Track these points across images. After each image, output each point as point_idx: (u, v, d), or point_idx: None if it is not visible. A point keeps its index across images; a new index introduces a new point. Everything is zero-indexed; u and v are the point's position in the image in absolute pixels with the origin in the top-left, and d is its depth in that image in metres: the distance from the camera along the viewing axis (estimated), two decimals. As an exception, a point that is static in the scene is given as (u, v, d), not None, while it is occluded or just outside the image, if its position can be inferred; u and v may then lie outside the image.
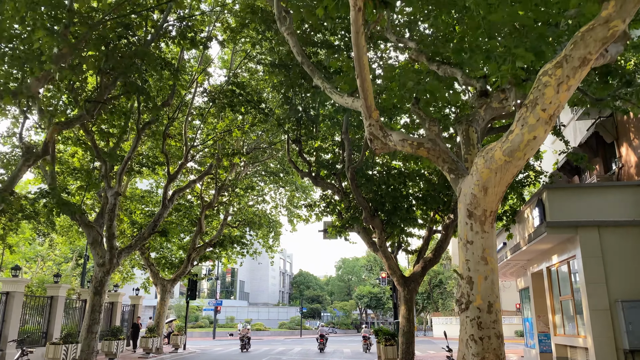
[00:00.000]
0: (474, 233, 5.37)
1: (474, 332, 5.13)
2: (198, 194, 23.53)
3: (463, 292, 5.33)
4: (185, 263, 23.51)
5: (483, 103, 6.64)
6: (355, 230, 15.51)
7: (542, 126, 4.86)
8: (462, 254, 5.44)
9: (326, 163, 15.38)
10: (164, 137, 17.71)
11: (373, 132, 5.90)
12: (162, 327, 22.85)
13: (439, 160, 5.81)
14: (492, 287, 5.23)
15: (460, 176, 5.69)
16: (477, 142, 6.25)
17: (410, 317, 14.17)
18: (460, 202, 5.55)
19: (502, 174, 5.12)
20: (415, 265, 14.98)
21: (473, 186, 5.32)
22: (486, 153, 5.18)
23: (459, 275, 5.43)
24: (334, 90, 6.64)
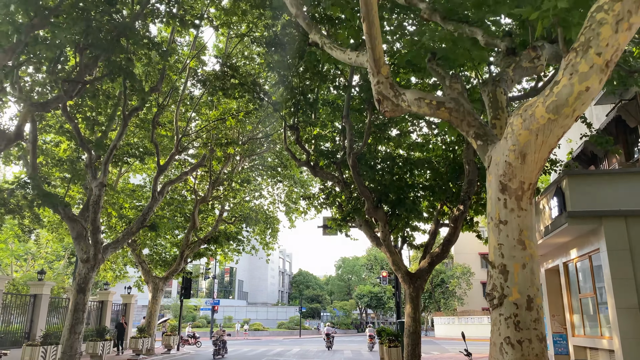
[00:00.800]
0: (508, 211, 4.33)
1: (510, 334, 4.09)
2: (191, 188, 22.48)
3: (495, 284, 4.29)
4: (178, 260, 22.48)
5: (511, 62, 5.60)
6: (357, 224, 14.47)
7: (597, 75, 3.82)
8: (494, 237, 4.40)
9: (326, 151, 14.33)
10: (154, 126, 16.67)
11: (382, 92, 4.85)
12: (154, 327, 21.80)
13: (463, 124, 4.76)
14: (532, 277, 4.19)
15: (490, 142, 4.64)
16: (507, 106, 5.20)
17: (416, 317, 13.11)
18: (490, 174, 4.51)
19: (545, 136, 4.08)
20: (422, 260, 13.92)
21: (507, 153, 4.28)
22: (524, 111, 4.15)
23: (490, 264, 4.38)
24: (335, 45, 5.60)
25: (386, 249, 13.62)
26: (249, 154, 23.75)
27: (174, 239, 24.43)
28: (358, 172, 12.43)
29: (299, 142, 14.25)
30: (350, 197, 13.80)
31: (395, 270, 13.74)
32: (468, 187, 12.70)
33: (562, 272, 13.31)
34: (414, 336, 12.99)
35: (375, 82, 4.90)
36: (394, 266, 13.71)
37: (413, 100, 4.76)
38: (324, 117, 14.85)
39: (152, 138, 16.81)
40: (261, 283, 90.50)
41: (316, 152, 14.47)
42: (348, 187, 13.91)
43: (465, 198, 12.76)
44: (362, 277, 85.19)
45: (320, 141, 14.75)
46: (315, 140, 14.63)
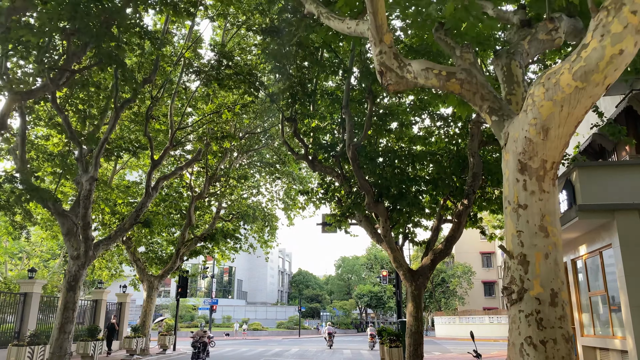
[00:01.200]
0: (528, 193, 3.82)
1: (532, 334, 3.58)
2: (187, 184, 21.96)
3: (514, 277, 3.78)
4: (174, 258, 21.97)
5: (526, 34, 5.08)
6: (357, 220, 13.96)
7: (632, 36, 3.31)
8: (512, 224, 3.89)
9: (325, 144, 13.82)
10: (147, 119, 16.16)
11: (385, 62, 4.34)
12: (149, 327, 21.28)
13: (475, 97, 4.25)
14: (556, 268, 3.68)
15: (506, 117, 4.13)
16: (523, 80, 4.69)
17: (418, 316, 12.60)
18: (507, 152, 3.99)
19: (571, 107, 3.56)
20: (424, 257, 13.40)
21: (527, 127, 3.77)
22: (547, 79, 3.64)
23: (507, 253, 3.87)
24: (332, 15, 5.09)
25: (387, 245, 13.11)
26: (247, 150, 23.25)
27: (170, 237, 23.92)
28: (358, 165, 11.91)
29: (296, 134, 13.75)
30: (350, 192, 13.29)
31: (396, 267, 13.23)
32: (472, 180, 12.20)
33: (570, 269, 12.80)
34: (416, 336, 12.48)
35: (378, 52, 4.39)
36: (395, 263, 13.20)
37: (420, 71, 4.25)
38: (322, 109, 14.35)
39: (145, 132, 16.30)
40: (260, 282, 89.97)
41: (315, 145, 13.96)
42: (348, 182, 13.40)
43: (470, 192, 12.25)
44: (362, 277, 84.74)
45: (318, 134, 14.23)
46: (314, 133, 14.12)
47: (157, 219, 17.33)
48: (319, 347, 31.60)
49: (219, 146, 17.22)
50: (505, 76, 4.76)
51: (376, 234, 13.53)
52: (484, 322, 46.67)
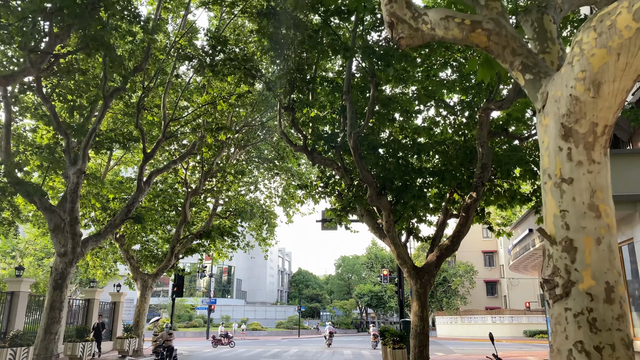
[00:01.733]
0: (574, 165, 3.10)
1: (583, 338, 2.86)
2: (182, 179, 21.24)
3: (557, 267, 3.06)
4: (169, 256, 21.25)
5: (558, -13, 4.36)
6: (358, 214, 13.24)
7: None
8: (553, 203, 3.17)
9: (324, 135, 13.09)
10: (139, 110, 15.44)
11: (395, 13, 3.62)
12: (143, 327, 20.56)
13: (505, 52, 3.53)
14: (610, 256, 2.96)
15: (544, 75, 3.41)
16: (558, 37, 3.98)
17: (424, 315, 11.88)
18: (546, 115, 3.28)
19: (630, 55, 2.85)
20: (429, 254, 12.69)
21: (573, 83, 3.05)
22: (600, 21, 2.92)
23: (547, 238, 3.15)
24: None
25: (390, 241, 12.40)
26: (244, 145, 22.53)
27: (166, 235, 23.21)
28: (360, 155, 11.19)
29: (294, 124, 13.03)
30: (351, 185, 12.58)
31: (400, 264, 12.52)
32: (481, 172, 11.48)
33: (585, 266, 12.08)
34: (421, 337, 11.76)
35: (387, 1, 3.67)
36: (398, 260, 12.49)
37: (438, 20, 3.53)
38: (322, 98, 13.63)
39: (137, 123, 15.59)
40: (260, 282, 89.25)
41: (314, 136, 13.24)
42: (349, 174, 12.68)
43: (479, 184, 11.54)
44: (362, 276, 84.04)
45: (318, 124, 13.51)
46: (313, 123, 13.39)
47: (149, 214, 16.61)
48: (319, 347, 30.89)
49: (214, 138, 16.50)
50: (536, 33, 4.04)
51: (379, 230, 12.83)
52: (486, 322, 45.98)
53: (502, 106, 10.92)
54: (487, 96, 11.61)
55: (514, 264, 17.35)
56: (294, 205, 25.92)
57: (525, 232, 14.95)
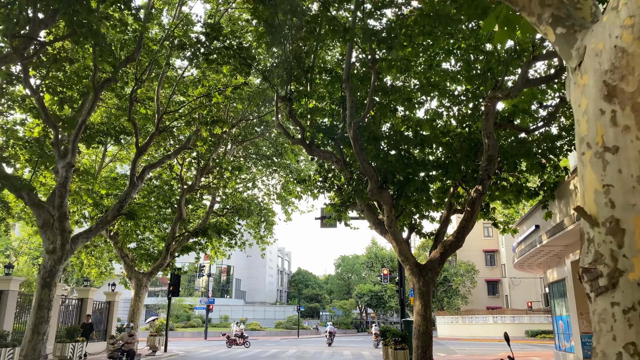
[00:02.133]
0: (619, 130, 2.56)
1: (636, 339, 2.33)
2: (177, 175, 20.72)
3: (600, 254, 2.53)
4: (164, 254, 20.73)
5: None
6: (359, 209, 12.72)
7: None
8: (594, 176, 2.64)
9: (323, 127, 12.57)
10: (131, 102, 14.92)
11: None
12: (137, 327, 20.03)
13: (532, 3, 3.00)
14: (666, 240, 2.43)
15: (579, 28, 2.88)
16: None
17: (427, 315, 11.37)
18: (583, 74, 2.75)
19: (691, -5, 2.32)
20: (432, 250, 12.17)
21: (619, 32, 2.52)
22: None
23: (587, 219, 2.62)
24: None
25: (392, 237, 11.88)
26: (241, 141, 22.02)
27: (162, 233, 22.68)
28: (360, 146, 10.67)
29: (292, 115, 12.51)
30: (351, 178, 12.05)
31: (402, 261, 12.00)
32: (487, 164, 10.97)
33: (596, 263, 11.56)
34: (424, 337, 11.24)
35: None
36: (400, 257, 11.97)
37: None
38: (321, 89, 13.11)
39: (129, 116, 15.06)
40: (259, 282, 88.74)
41: (312, 127, 12.72)
42: (348, 167, 12.16)
43: (484, 177, 11.02)
44: (362, 276, 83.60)
45: (316, 116, 12.98)
46: (311, 115, 12.87)
47: (142, 211, 16.07)
48: (318, 347, 30.38)
49: (209, 132, 15.98)
50: (564, -13, 3.52)
51: (380, 225, 12.30)
52: (487, 322, 45.51)
53: (509, 94, 10.40)
54: (493, 85, 11.10)
55: (518, 262, 16.83)
56: (292, 202, 25.44)
57: (531, 229, 14.43)
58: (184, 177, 20.50)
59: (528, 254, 14.79)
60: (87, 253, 24.37)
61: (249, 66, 12.01)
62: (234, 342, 31.47)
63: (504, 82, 10.81)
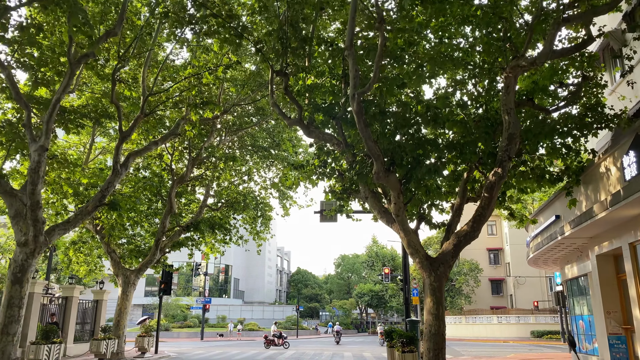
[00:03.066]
0: None
1: None
2: (167, 166, 19.46)
3: None
4: (153, 250, 19.48)
5: None
6: (362, 197, 11.47)
7: None
8: None
9: (323, 105, 11.31)
10: (113, 82, 13.67)
11: None
12: (124, 327, 18.78)
13: None
14: None
15: None
16: None
17: (439, 313, 10.12)
18: None
19: None
20: (444, 242, 10.91)
21: None
22: None
23: None
24: None
25: (399, 226, 10.63)
26: (236, 130, 20.78)
27: (153, 228, 21.41)
28: (365, 122, 9.42)
29: (288, 92, 11.27)
30: (354, 161, 10.79)
31: (410, 254, 10.75)
32: (508, 143, 9.74)
33: (629, 255, 10.31)
34: (437, 338, 10.01)
35: None
36: (409, 249, 10.71)
37: None
38: (320, 64, 11.86)
39: (112, 97, 13.81)
40: (258, 281, 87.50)
41: (310, 106, 11.46)
42: (351, 150, 10.90)
43: (504, 158, 9.80)
44: (362, 276, 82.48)
45: (315, 94, 11.71)
46: (310, 92, 11.61)
47: (127, 201, 14.81)
48: (317, 348, 29.11)
49: (199, 116, 14.74)
50: None
51: (386, 214, 11.06)
52: (491, 322, 44.28)
53: (534, 62, 9.17)
54: (514, 54, 9.86)
55: (534, 257, 15.57)
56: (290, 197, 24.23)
57: (550, 219, 13.17)
58: (174, 168, 19.24)
59: (546, 247, 13.54)
60: (75, 250, 23.16)
61: (239, 36, 10.76)
62: (272, 343, 29.67)
63: (526, 50, 9.57)
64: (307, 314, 77.74)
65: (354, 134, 11.00)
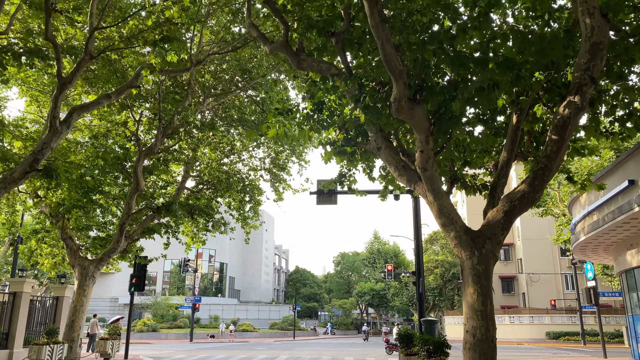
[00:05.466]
0: None
1: None
2: (132, 134, 16.26)
3: None
4: (117, 236, 16.28)
5: None
6: (372, 146, 8.29)
7: None
8: None
9: (317, 20, 8.11)
10: (47, 11, 10.47)
11: None
12: (79, 328, 15.56)
13: None
14: None
15: None
16: None
17: (487, 311, 6.92)
18: None
19: None
20: (489, 210, 7.73)
21: None
22: None
23: None
24: None
25: (427, 185, 7.45)
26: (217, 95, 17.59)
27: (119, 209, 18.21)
28: (383, 19, 6.21)
29: (270, 4, 8.09)
30: (361, 94, 7.57)
31: (442, 226, 7.56)
32: (591, 58, 6.59)
33: None
34: (484, 347, 6.84)
35: None
36: (440, 218, 7.52)
37: None
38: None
39: (46, 33, 10.62)
40: (254, 280, 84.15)
41: (302, 23, 8.27)
42: (357, 78, 7.69)
43: (584, 81, 6.64)
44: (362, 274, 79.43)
45: (308, 8, 8.51)
46: (299, 6, 8.40)
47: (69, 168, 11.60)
48: (314, 352, 25.88)
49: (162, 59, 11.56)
50: None
51: (406, 170, 7.88)
52: (503, 322, 41.11)
53: None
54: None
55: (585, 240, 12.37)
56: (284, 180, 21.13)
57: (621, 185, 9.91)
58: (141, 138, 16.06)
59: (609, 225, 10.32)
60: (37, 240, 20.01)
61: None
62: (395, 349, 23.81)
63: None
64: (306, 314, 74.60)
65: (362, 56, 7.81)
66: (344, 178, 11.87)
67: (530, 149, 9.09)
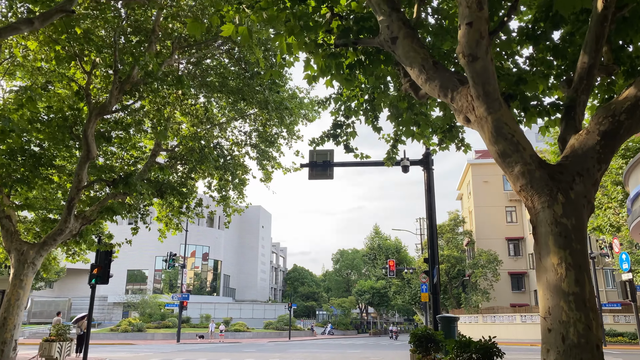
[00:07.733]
0: None
1: None
2: (81, 88, 13.30)
3: None
4: (65, 215, 13.35)
5: None
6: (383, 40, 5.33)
7: None
8: None
9: None
10: None
11: None
12: (14, 328, 12.59)
13: None
14: None
15: None
16: None
17: (585, 295, 4.00)
18: None
19: None
20: (571, 135, 4.79)
21: None
22: None
23: None
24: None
25: (476, 86, 4.52)
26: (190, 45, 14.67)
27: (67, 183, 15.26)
28: None
29: None
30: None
31: (502, 155, 4.60)
32: None
33: None
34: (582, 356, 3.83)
35: None
36: (497, 144, 4.58)
37: None
38: None
39: None
40: (250, 279, 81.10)
41: None
42: None
43: None
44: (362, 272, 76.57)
45: None
46: None
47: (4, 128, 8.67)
48: (309, 355, 22.92)
49: None
50: None
51: (439, 70, 4.93)
52: (514, 321, 38.19)
53: None
54: None
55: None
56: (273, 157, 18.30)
57: None
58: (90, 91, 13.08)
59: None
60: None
61: None
62: None
63: None
64: (303, 313, 71.66)
65: None
66: (340, 130, 9.19)
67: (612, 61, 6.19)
